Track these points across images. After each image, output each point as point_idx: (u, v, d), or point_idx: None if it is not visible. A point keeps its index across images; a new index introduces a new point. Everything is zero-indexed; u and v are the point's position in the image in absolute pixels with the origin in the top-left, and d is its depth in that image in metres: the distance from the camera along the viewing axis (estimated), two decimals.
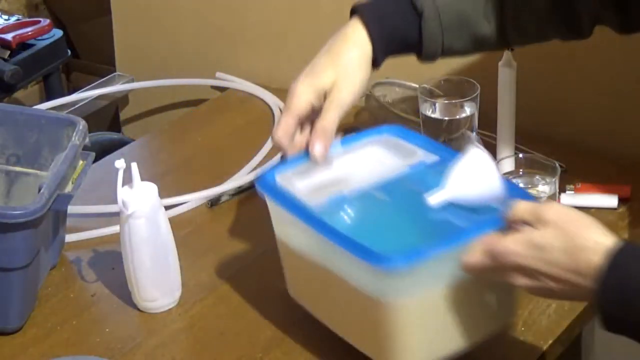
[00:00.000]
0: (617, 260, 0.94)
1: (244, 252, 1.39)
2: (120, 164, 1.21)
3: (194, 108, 1.90)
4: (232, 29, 1.92)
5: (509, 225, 1.02)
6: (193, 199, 1.51)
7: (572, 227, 0.97)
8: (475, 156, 1.12)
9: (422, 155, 1.20)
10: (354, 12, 1.25)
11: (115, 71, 2.10)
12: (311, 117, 1.20)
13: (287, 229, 1.17)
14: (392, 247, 1.04)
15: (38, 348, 1.25)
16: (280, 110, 1.76)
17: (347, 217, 1.16)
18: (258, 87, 1.85)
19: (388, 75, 1.71)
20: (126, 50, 2.09)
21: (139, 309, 1.30)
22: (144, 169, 1.26)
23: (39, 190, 1.22)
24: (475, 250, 1.02)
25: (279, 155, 1.25)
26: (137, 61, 2.07)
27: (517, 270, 0.99)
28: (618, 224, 1.41)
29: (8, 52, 2.21)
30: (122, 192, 1.23)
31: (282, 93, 1.80)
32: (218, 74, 1.92)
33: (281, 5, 1.85)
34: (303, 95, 1.20)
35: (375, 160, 1.22)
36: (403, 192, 1.17)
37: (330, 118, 1.19)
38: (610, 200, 1.43)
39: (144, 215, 1.24)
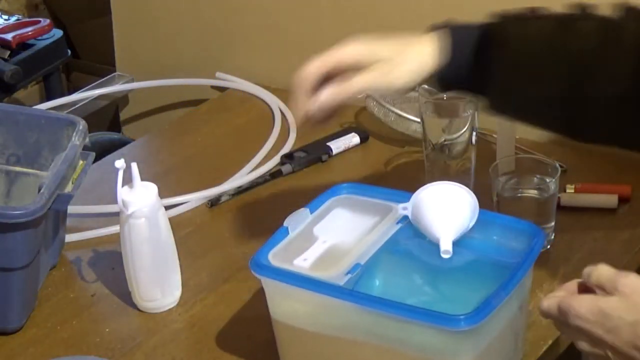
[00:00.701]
0: None
1: (244, 252, 1.39)
2: (120, 164, 1.21)
3: (194, 108, 1.90)
4: (232, 29, 1.92)
5: (585, 288, 1.00)
6: (193, 199, 1.51)
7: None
8: (449, 192, 1.14)
9: (399, 207, 1.17)
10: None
11: (115, 71, 2.10)
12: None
13: (300, 311, 1.13)
14: (438, 306, 1.05)
15: (38, 348, 1.25)
16: (281, 111, 1.76)
17: (377, 284, 1.15)
18: (258, 87, 1.85)
19: None
20: (126, 50, 2.08)
21: (139, 309, 1.30)
22: (144, 169, 1.26)
23: (39, 190, 1.22)
24: (552, 298, 1.00)
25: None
26: (137, 61, 2.07)
27: (580, 332, 0.97)
28: (618, 224, 1.41)
29: (8, 52, 2.21)
30: (122, 192, 1.23)
31: (282, 93, 1.81)
32: (218, 74, 1.92)
33: (281, 5, 1.85)
34: (353, 46, 1.13)
35: (357, 221, 1.18)
36: (409, 249, 1.16)
37: (359, 83, 1.12)
38: (610, 200, 1.43)
39: (144, 215, 1.24)
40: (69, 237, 1.43)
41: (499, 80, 1.15)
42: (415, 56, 1.15)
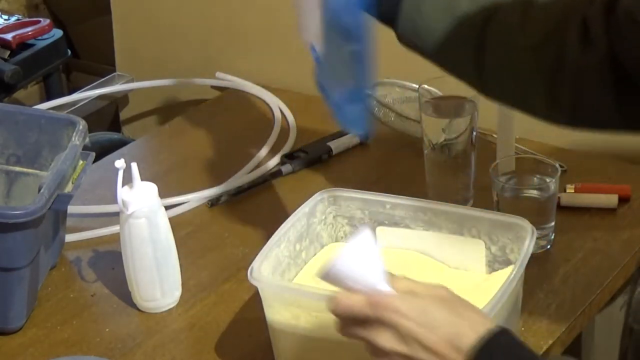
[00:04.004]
0: (491, 344, 0.90)
1: (244, 252, 1.39)
2: (120, 164, 1.21)
3: (194, 108, 1.90)
4: (232, 29, 1.92)
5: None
6: (193, 199, 1.51)
7: (459, 302, 0.94)
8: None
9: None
10: None
11: (115, 71, 2.10)
12: None
13: (298, 317, 1.13)
14: None
15: (38, 348, 1.25)
16: (281, 111, 1.76)
17: None
18: (258, 87, 1.85)
19: (388, 75, 1.71)
20: (126, 50, 2.08)
21: (139, 309, 1.30)
22: (144, 169, 1.26)
23: (39, 190, 1.22)
24: (358, 295, 0.94)
25: None
26: (137, 61, 2.07)
27: (387, 327, 0.92)
28: (618, 224, 1.41)
29: (8, 52, 2.21)
30: (122, 192, 1.23)
31: (282, 93, 1.81)
32: (218, 74, 1.92)
33: (281, 5, 1.85)
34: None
35: None
36: None
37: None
38: (610, 200, 1.43)
39: (144, 215, 1.24)
40: (69, 237, 1.43)
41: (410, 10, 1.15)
42: None
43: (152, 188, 1.25)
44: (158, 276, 1.27)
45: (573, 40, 1.06)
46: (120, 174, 1.22)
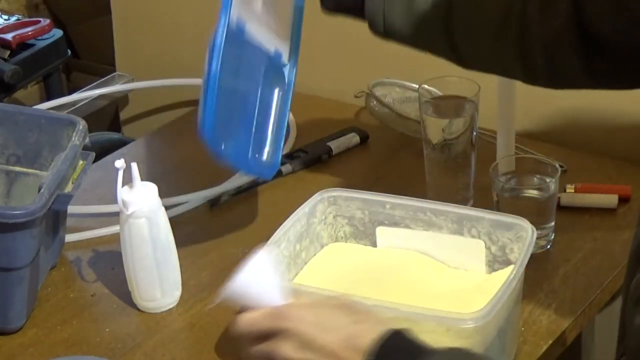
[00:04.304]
0: (388, 342, 0.90)
1: (244, 252, 1.39)
2: (120, 164, 1.21)
3: (194, 108, 1.90)
4: None
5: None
6: (193, 199, 1.51)
7: (355, 307, 0.95)
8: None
9: None
10: None
11: (115, 71, 2.10)
12: None
13: None
14: None
15: (38, 348, 1.25)
16: None
17: None
18: None
19: (388, 75, 1.71)
20: (126, 50, 2.08)
21: (139, 309, 1.30)
22: (144, 169, 1.26)
23: (39, 190, 1.22)
24: (257, 310, 0.95)
25: None
26: (137, 61, 2.07)
27: (288, 336, 0.92)
28: (618, 224, 1.41)
29: (8, 52, 2.21)
30: (122, 192, 1.23)
31: None
32: None
33: None
34: None
35: None
36: None
37: None
38: (610, 200, 1.43)
39: (144, 215, 1.24)
40: (69, 237, 1.43)
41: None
42: None
43: (152, 188, 1.25)
44: (158, 276, 1.27)
45: (533, 11, 1.10)
46: (120, 174, 1.22)
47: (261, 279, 0.97)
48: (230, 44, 1.23)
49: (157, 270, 1.27)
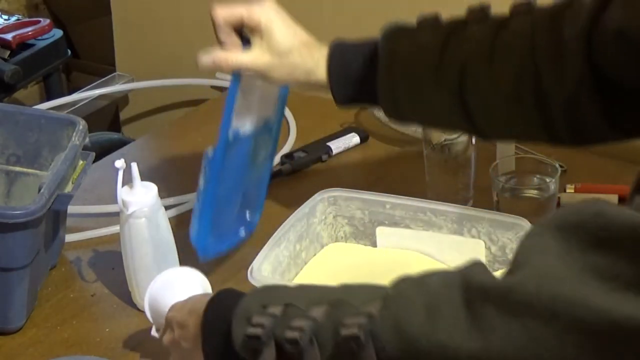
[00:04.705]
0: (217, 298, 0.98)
1: (244, 252, 1.39)
2: (120, 163, 1.21)
3: (194, 108, 1.90)
4: None
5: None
6: (193, 199, 1.51)
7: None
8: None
9: None
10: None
11: (115, 71, 2.10)
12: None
13: None
14: None
15: (38, 348, 1.25)
16: None
17: None
18: None
19: None
20: (126, 50, 2.09)
21: (138, 309, 1.30)
22: (144, 169, 1.26)
23: (39, 190, 1.22)
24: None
25: None
26: (137, 61, 2.07)
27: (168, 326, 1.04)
28: None
29: (8, 52, 2.21)
30: (122, 192, 1.23)
31: None
32: (218, 74, 1.92)
33: (281, 6, 1.85)
34: (264, 10, 1.24)
35: None
36: None
37: (243, 63, 1.23)
38: (610, 200, 1.43)
39: (144, 215, 1.24)
40: (69, 237, 1.43)
41: (386, 91, 1.18)
42: (300, 63, 1.23)
43: (152, 188, 1.25)
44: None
45: (548, 80, 1.08)
46: (120, 174, 1.22)
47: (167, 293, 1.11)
48: (226, 154, 1.26)
49: (157, 270, 1.27)
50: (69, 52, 2.37)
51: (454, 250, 1.23)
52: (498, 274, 1.18)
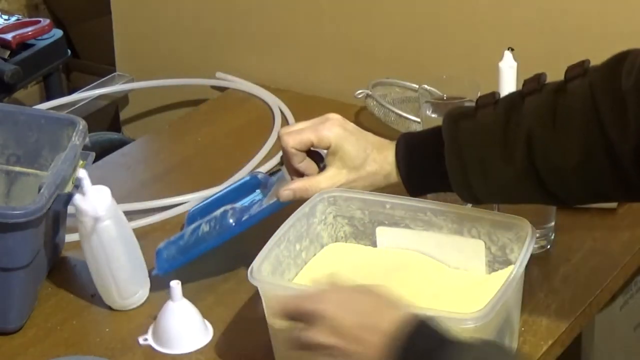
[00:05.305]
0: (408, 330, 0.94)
1: (244, 252, 1.39)
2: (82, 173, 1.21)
3: (194, 108, 1.90)
4: (232, 29, 1.92)
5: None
6: (193, 199, 1.51)
7: (383, 296, 0.99)
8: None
9: None
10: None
11: (115, 71, 2.10)
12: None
13: None
14: None
15: (38, 348, 1.25)
16: (281, 111, 1.76)
17: None
18: (258, 87, 1.85)
19: (388, 75, 1.72)
20: (126, 50, 2.08)
21: (138, 309, 1.30)
22: (144, 169, 1.26)
23: (39, 190, 1.22)
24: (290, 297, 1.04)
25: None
26: (137, 61, 2.07)
27: (319, 321, 0.97)
28: (618, 224, 1.41)
29: (8, 52, 2.21)
30: (78, 201, 1.22)
31: (282, 93, 1.81)
32: (218, 74, 1.92)
33: (281, 6, 1.85)
34: (330, 132, 1.24)
35: None
36: None
37: (325, 184, 1.24)
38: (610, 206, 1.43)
39: (109, 217, 1.24)
40: (69, 237, 1.43)
41: (457, 176, 1.18)
42: (377, 170, 1.24)
43: (104, 190, 1.24)
44: (132, 271, 1.28)
45: (611, 126, 1.09)
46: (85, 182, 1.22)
47: None
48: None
49: (132, 267, 1.27)
50: (69, 52, 2.37)
51: (454, 250, 1.23)
52: (497, 274, 1.19)
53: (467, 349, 0.93)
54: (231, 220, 1.28)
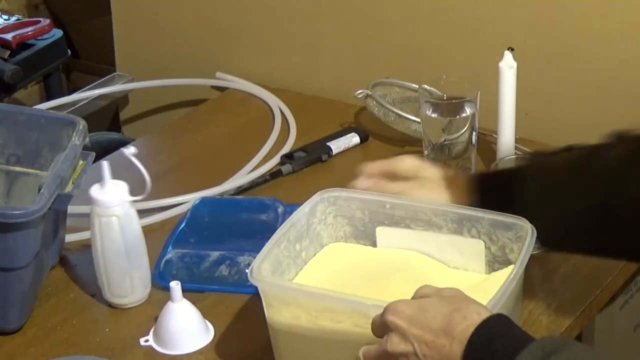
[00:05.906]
0: (484, 328, 0.94)
1: None
2: (130, 151, 1.22)
3: (194, 108, 1.90)
4: (232, 29, 1.92)
5: None
6: (193, 199, 1.51)
7: (461, 297, 1.00)
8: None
9: None
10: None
11: (115, 71, 2.10)
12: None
13: (299, 317, 1.14)
14: None
15: (38, 348, 1.25)
16: (281, 111, 1.76)
17: None
18: (258, 87, 1.85)
19: (388, 75, 1.72)
20: (126, 50, 2.09)
21: (138, 308, 1.30)
22: (144, 168, 1.26)
23: (39, 190, 1.22)
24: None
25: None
26: (137, 61, 2.07)
27: (395, 329, 0.98)
28: None
29: (8, 52, 2.21)
30: (94, 191, 1.23)
31: (282, 93, 1.81)
32: (218, 74, 1.92)
33: (281, 6, 1.85)
34: (408, 160, 1.28)
35: None
36: None
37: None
38: None
39: (115, 214, 1.25)
40: (69, 237, 1.43)
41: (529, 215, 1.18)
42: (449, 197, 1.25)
43: (122, 186, 1.25)
44: (129, 273, 1.28)
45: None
46: (134, 160, 1.23)
47: None
48: None
49: (129, 268, 1.27)
50: (69, 52, 2.37)
51: (454, 250, 1.23)
52: (497, 274, 1.19)
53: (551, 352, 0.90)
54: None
